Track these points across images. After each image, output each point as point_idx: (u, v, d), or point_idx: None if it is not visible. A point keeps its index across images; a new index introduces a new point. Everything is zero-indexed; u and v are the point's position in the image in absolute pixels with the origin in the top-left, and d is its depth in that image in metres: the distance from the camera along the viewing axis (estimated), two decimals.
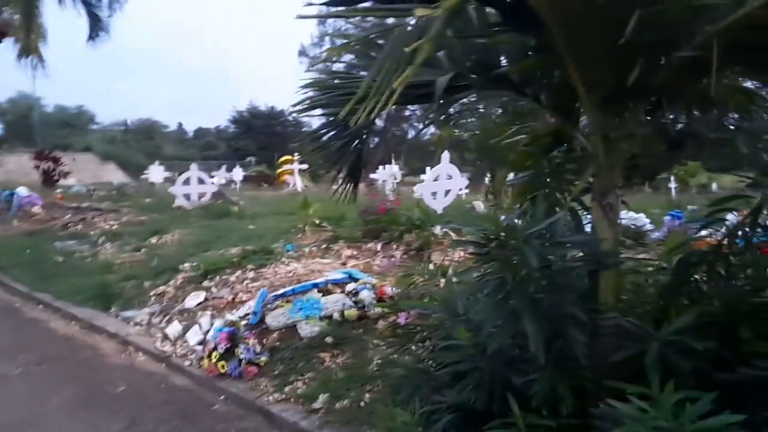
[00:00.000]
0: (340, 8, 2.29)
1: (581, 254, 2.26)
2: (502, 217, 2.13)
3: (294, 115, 35.16)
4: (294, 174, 21.69)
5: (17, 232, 10.92)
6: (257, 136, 39.16)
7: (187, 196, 12.35)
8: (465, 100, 3.52)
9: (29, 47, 12.70)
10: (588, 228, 2.48)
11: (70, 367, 4.76)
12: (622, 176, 2.49)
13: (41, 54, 13.73)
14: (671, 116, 2.96)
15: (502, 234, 1.85)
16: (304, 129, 37.27)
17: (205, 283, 6.01)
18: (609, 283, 2.27)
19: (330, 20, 24.35)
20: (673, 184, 15.51)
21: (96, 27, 13.86)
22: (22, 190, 13.93)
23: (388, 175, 16.82)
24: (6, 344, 5.32)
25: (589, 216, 2.50)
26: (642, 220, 6.85)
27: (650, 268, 2.91)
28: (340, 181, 3.04)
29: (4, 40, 13.49)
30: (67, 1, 13.12)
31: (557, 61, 2.43)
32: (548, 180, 2.76)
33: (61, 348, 5.25)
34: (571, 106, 2.67)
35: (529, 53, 2.66)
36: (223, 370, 4.17)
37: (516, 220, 2.01)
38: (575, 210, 2.57)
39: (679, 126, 3.06)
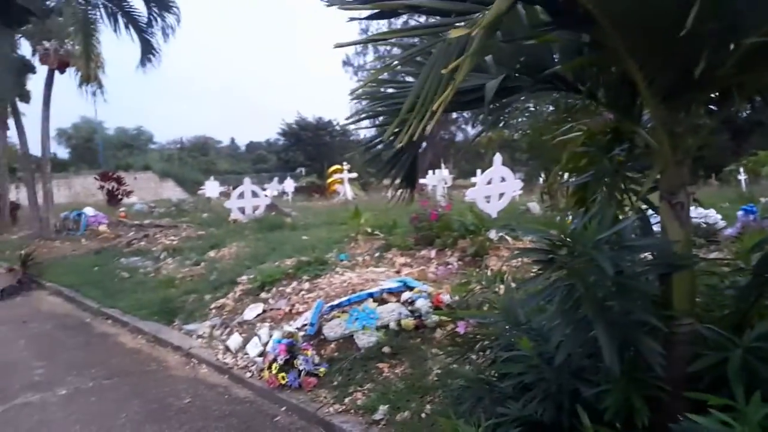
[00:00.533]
0: (378, 31, 2.27)
1: (651, 257, 2.13)
2: (567, 220, 2.04)
3: (343, 124, 35.67)
4: (344, 183, 21.90)
5: (85, 251, 11.52)
6: (306, 147, 39.88)
7: (242, 210, 12.67)
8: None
9: (89, 75, 13.41)
10: (656, 228, 2.35)
11: (137, 380, 4.95)
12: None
13: (100, 81, 14.52)
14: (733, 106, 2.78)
15: (569, 240, 1.76)
16: (351, 138, 37.75)
17: (263, 295, 6.12)
18: (683, 287, 2.13)
19: (373, 28, 24.55)
20: (742, 176, 14.63)
21: (147, 52, 14.52)
22: (89, 210, 14.72)
23: (438, 179, 16.68)
24: (79, 358, 5.59)
25: (656, 216, 2.38)
26: (713, 216, 6.45)
27: (726, 269, 2.73)
28: (396, 188, 3.02)
29: (66, 70, 14.34)
30: (121, 28, 13.83)
31: (614, 57, 2.32)
32: (609, 180, 2.64)
33: (129, 361, 5.46)
34: (630, 101, 2.55)
35: (583, 50, 2.56)
36: (283, 381, 4.22)
37: (582, 224, 1.91)
38: (642, 210, 2.44)
39: (744, 115, 2.87)
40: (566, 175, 3.34)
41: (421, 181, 17.43)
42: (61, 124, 41.72)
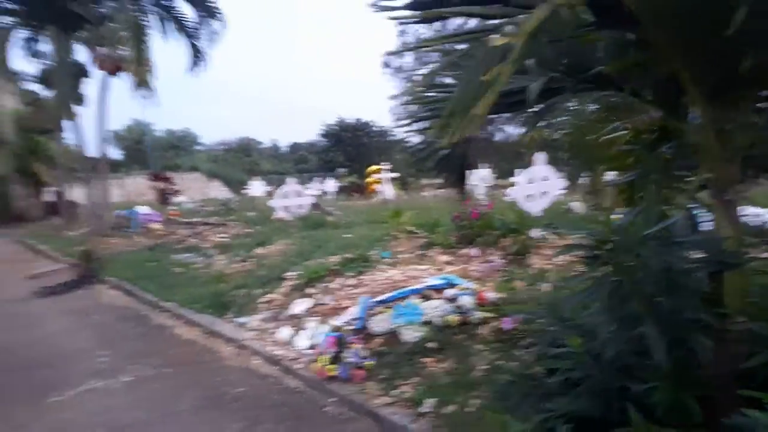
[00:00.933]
0: (417, 31, 2.37)
1: (702, 255, 2.15)
2: (614, 217, 2.08)
3: (393, 128, 35.73)
4: (384, 182, 22.00)
5: (140, 247, 12.05)
6: (346, 148, 40.19)
7: (287, 209, 12.95)
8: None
9: (141, 79, 14.02)
10: (704, 226, 2.36)
11: (194, 369, 5.20)
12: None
13: (151, 85, 15.13)
14: None
15: (615, 236, 1.81)
16: (389, 139, 37.88)
17: (309, 290, 6.30)
18: (734, 285, 2.14)
19: (412, 31, 24.54)
20: None
21: (196, 56, 15.06)
22: (143, 209, 15.36)
23: (478, 179, 16.60)
24: (140, 348, 5.90)
25: (703, 215, 2.38)
26: (765, 216, 6.29)
27: None
28: (446, 187, 3.11)
29: (118, 74, 15.01)
30: (170, 33, 14.45)
31: (660, 55, 2.34)
32: (657, 177, 2.66)
33: (185, 352, 5.74)
34: (677, 99, 2.56)
35: (628, 49, 2.58)
36: (332, 373, 4.37)
37: (630, 221, 1.96)
38: (689, 208, 2.45)
39: None
40: (609, 174, 3.35)
41: None
42: (113, 127, 43.54)
